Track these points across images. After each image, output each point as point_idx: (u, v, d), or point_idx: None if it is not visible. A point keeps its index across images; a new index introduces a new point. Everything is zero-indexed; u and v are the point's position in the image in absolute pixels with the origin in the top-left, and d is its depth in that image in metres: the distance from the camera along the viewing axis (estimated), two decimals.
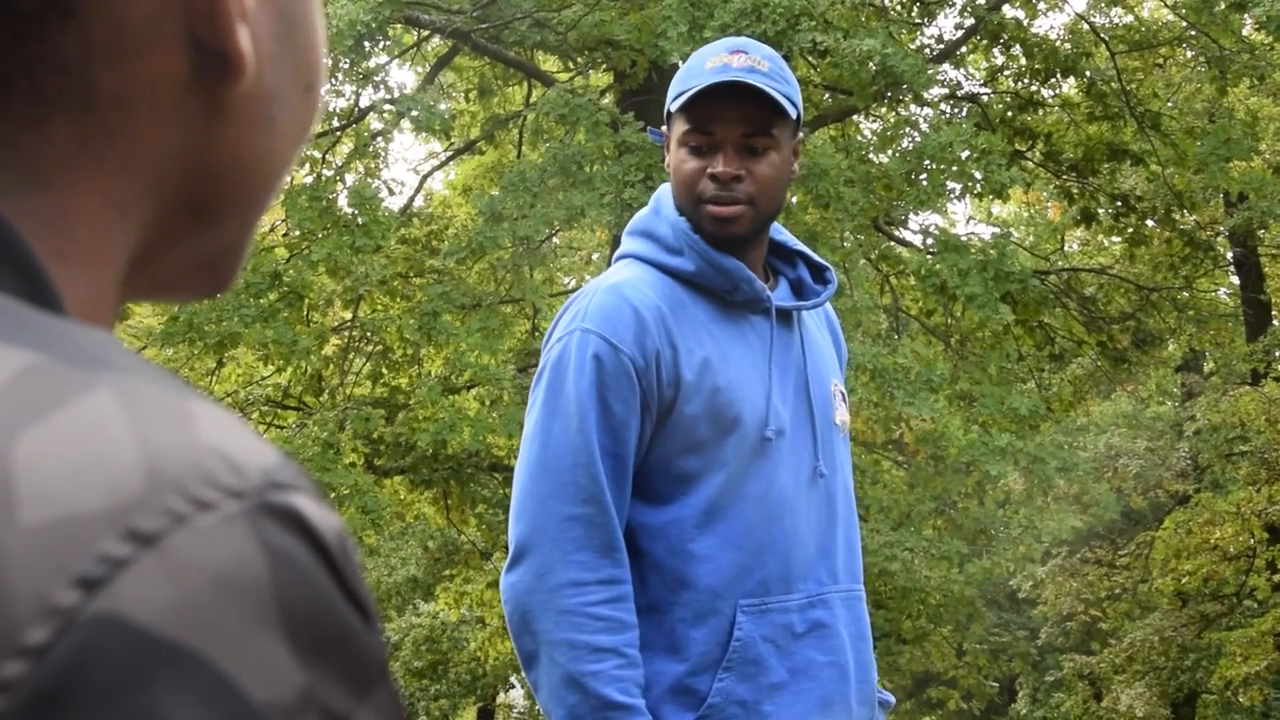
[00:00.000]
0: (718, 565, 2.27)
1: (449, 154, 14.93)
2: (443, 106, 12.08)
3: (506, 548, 2.41)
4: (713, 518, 2.27)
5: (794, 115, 2.33)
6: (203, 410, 0.48)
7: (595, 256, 16.45)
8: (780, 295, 2.43)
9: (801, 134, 2.42)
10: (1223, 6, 11.36)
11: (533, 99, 12.72)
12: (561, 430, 2.25)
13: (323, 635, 0.45)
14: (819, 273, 2.50)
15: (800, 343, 2.41)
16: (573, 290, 15.94)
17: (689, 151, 2.32)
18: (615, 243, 13.43)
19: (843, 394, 2.48)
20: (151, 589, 0.43)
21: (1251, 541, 14.81)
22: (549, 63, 13.55)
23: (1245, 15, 11.02)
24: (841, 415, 2.45)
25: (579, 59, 11.82)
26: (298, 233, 10.89)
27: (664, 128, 2.45)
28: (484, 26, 10.94)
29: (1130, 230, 14.90)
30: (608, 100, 11.95)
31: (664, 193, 2.44)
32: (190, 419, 0.47)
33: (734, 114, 2.29)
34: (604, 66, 11.95)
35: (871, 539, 10.57)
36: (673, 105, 2.35)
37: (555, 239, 14.57)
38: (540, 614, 2.21)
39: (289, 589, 0.45)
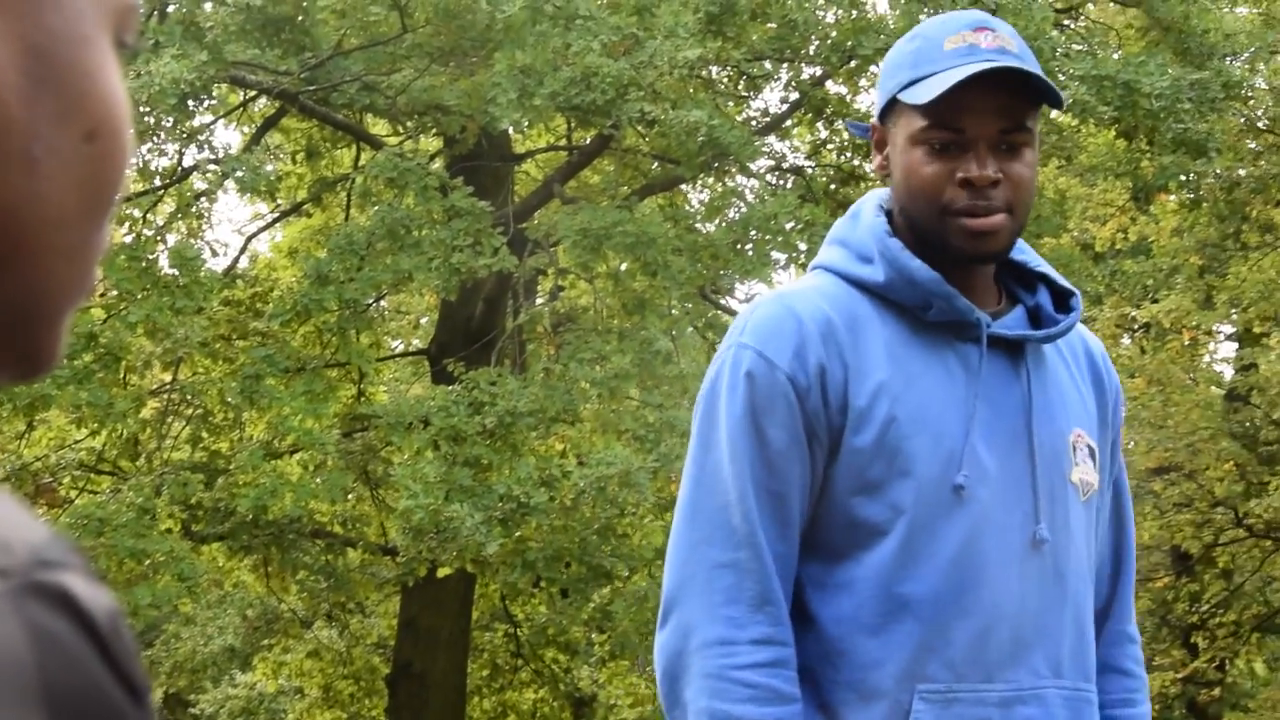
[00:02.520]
0: (893, 639, 1.88)
1: (275, 216, 14.73)
2: (269, 168, 11.93)
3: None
4: (892, 580, 1.89)
5: (1059, 96, 1.96)
6: None
7: (424, 321, 16.34)
8: (1008, 323, 1.99)
9: (1063, 103, 2.04)
10: None
11: (361, 162, 12.64)
12: (714, 464, 1.91)
13: (88, 717, 0.44)
14: (1063, 300, 2.04)
15: (1028, 380, 1.96)
16: (400, 355, 15.85)
17: (929, 152, 1.91)
18: (444, 307, 13.41)
19: (1091, 449, 2.01)
20: None
21: None
22: (378, 126, 13.49)
23: None
24: (1082, 473, 1.98)
25: (409, 123, 11.79)
26: (115, 293, 10.62)
27: (872, 120, 2.05)
28: (312, 89, 10.86)
29: None
30: (437, 165, 11.93)
31: (868, 199, 2.07)
32: None
33: (990, 106, 1.90)
34: (434, 131, 11.93)
35: None
36: (906, 95, 1.93)
37: (383, 303, 14.44)
38: (686, 678, 1.88)
39: (53, 670, 0.43)
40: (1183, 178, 12.15)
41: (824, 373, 1.90)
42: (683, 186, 13.33)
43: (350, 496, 12.88)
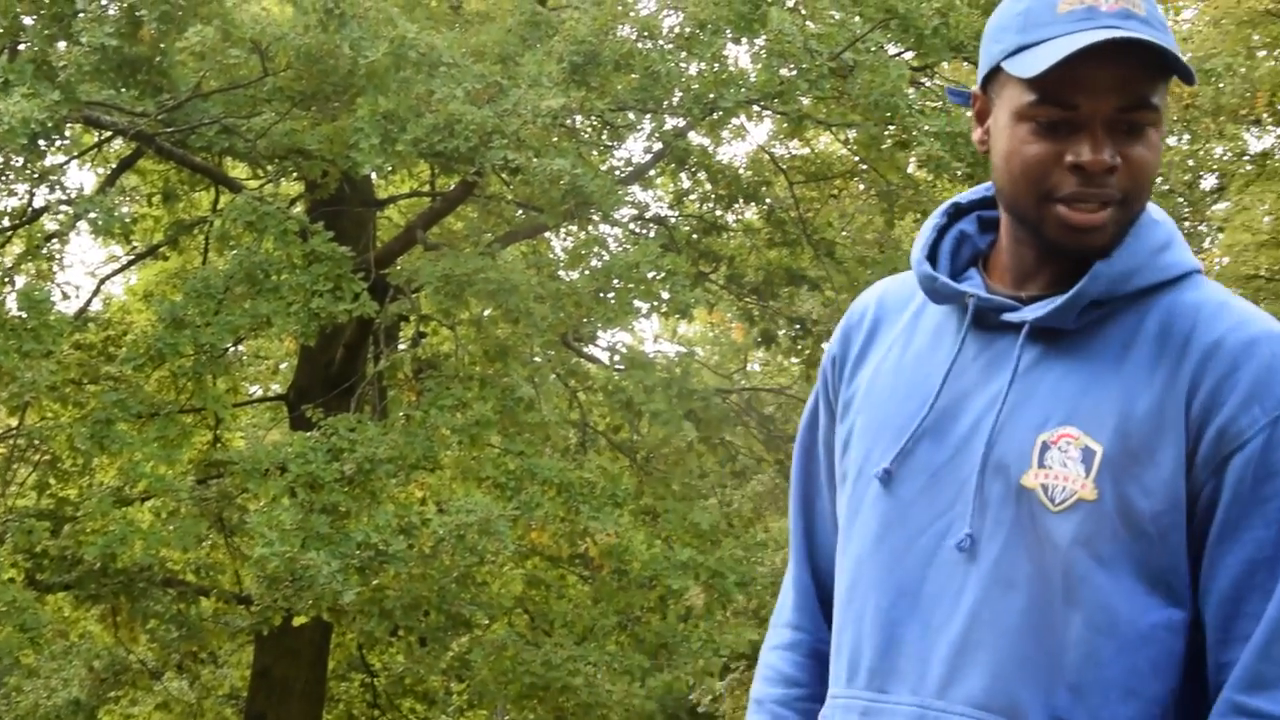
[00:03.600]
0: (835, 639, 1.84)
1: (130, 258, 14.46)
2: (124, 210, 11.73)
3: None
4: (835, 575, 1.85)
5: (1189, 70, 1.66)
6: None
7: (284, 366, 16.13)
8: (1035, 307, 1.73)
9: (1193, 78, 1.68)
10: (889, 144, 12.07)
11: (220, 205, 12.48)
12: None
13: None
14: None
15: (1015, 366, 1.71)
16: (258, 400, 15.60)
17: (1035, 130, 1.67)
18: (303, 353, 13.26)
19: (1089, 451, 1.66)
20: None
21: None
22: (238, 169, 13.33)
23: (909, 153, 11.74)
24: (1049, 478, 1.66)
25: (269, 167, 11.67)
26: None
27: (974, 88, 1.80)
28: (169, 131, 10.70)
29: (807, 352, 15.53)
30: (298, 209, 11.83)
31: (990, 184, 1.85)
32: None
33: (1107, 80, 1.64)
34: (295, 175, 11.83)
35: (556, 653, 10.58)
36: (1011, 64, 1.69)
37: (241, 347, 14.24)
38: None
39: None
40: None
41: (834, 364, 1.91)
42: (546, 234, 13.37)
43: (204, 544, 12.63)
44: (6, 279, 11.46)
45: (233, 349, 12.89)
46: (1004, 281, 1.79)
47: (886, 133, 11.73)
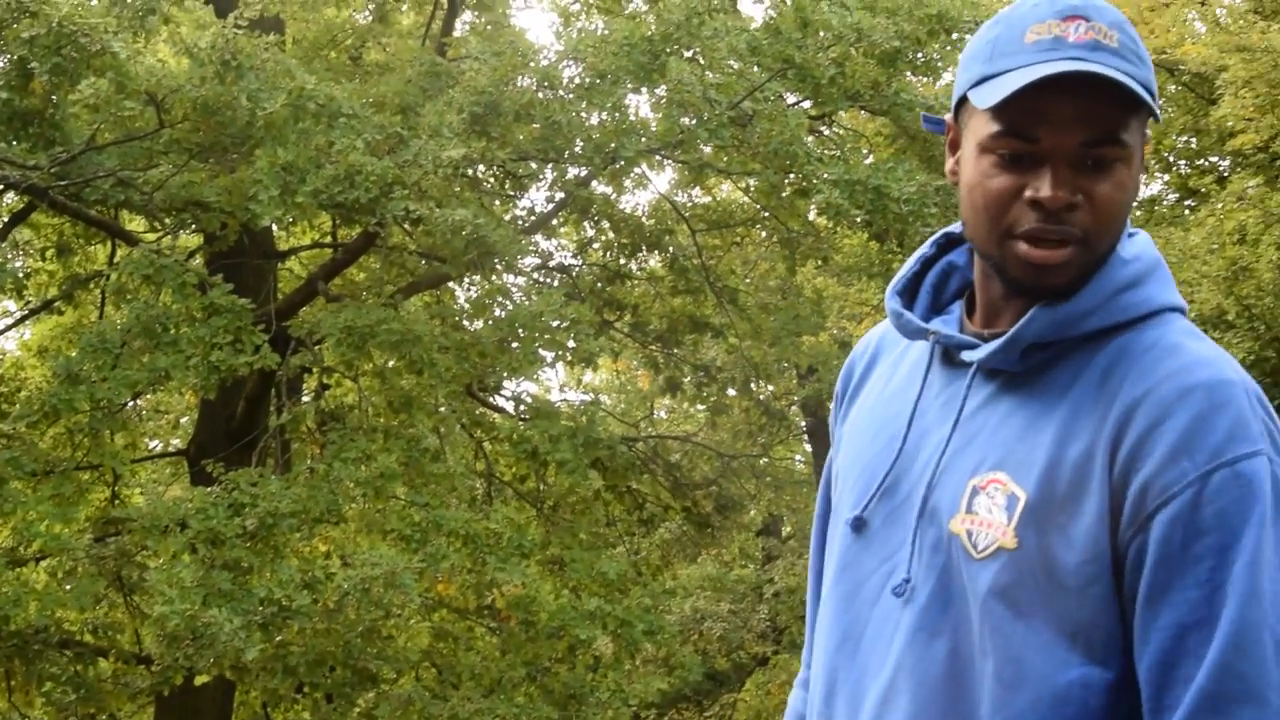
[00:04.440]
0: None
1: (24, 313, 14.20)
2: (17, 264, 11.53)
3: None
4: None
5: (1153, 106, 1.61)
6: None
7: (184, 420, 15.90)
8: (981, 349, 1.69)
9: (1157, 116, 1.64)
10: (789, 192, 12.21)
11: (116, 258, 12.31)
12: None
13: None
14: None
15: (961, 405, 1.68)
16: (158, 456, 15.35)
17: (998, 163, 1.62)
18: (203, 407, 13.08)
19: (1014, 498, 1.60)
20: None
21: None
22: (135, 222, 13.17)
23: (809, 201, 11.87)
24: (972, 523, 1.62)
25: (167, 220, 11.54)
26: None
27: (947, 116, 1.76)
28: (63, 184, 10.56)
29: (712, 399, 15.62)
30: (197, 261, 11.70)
31: None
32: None
33: (1070, 113, 1.58)
34: (193, 228, 11.71)
35: (463, 707, 10.48)
36: (975, 94, 1.64)
37: (139, 402, 14.02)
38: None
39: None
40: None
41: (837, 400, 1.92)
42: (449, 284, 13.34)
43: (102, 603, 12.38)
44: None
45: (131, 404, 12.68)
46: (978, 319, 1.75)
47: (786, 181, 11.87)
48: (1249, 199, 12.75)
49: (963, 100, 1.68)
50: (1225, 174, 14.82)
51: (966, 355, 1.69)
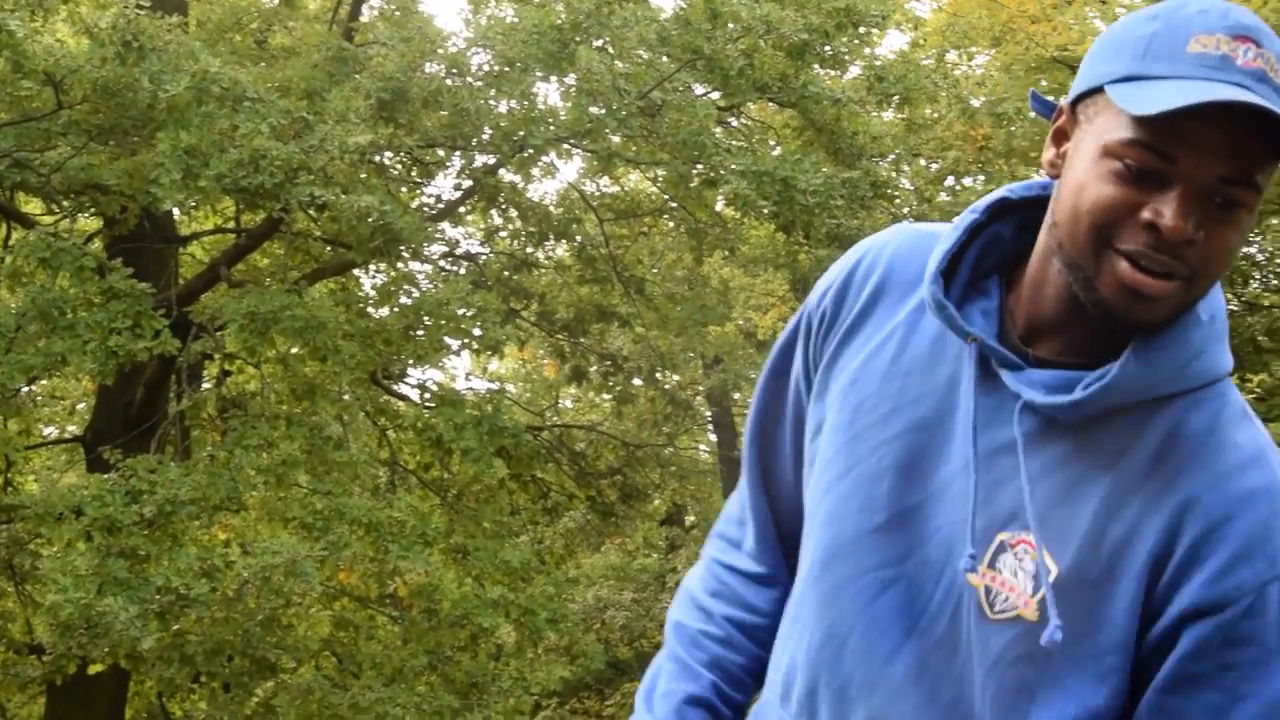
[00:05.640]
0: (778, 640, 1.75)
1: None
2: None
3: None
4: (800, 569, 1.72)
5: None
6: None
7: (81, 406, 15.63)
8: (1044, 376, 1.52)
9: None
10: (697, 183, 12.25)
11: (11, 241, 12.06)
12: None
13: None
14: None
15: (1015, 441, 1.52)
16: (53, 443, 15.08)
17: (1121, 172, 1.43)
18: (101, 392, 12.86)
19: (1046, 567, 1.48)
20: None
21: None
22: (31, 204, 12.92)
23: (717, 192, 11.92)
24: (991, 580, 1.51)
25: (64, 202, 11.33)
26: None
27: (1061, 100, 1.57)
28: None
29: (618, 388, 15.64)
30: (95, 245, 11.50)
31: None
32: None
33: (1217, 143, 1.40)
34: (92, 211, 11.51)
35: (363, 696, 10.41)
36: (1119, 93, 1.44)
37: (34, 387, 13.75)
38: None
39: None
40: None
41: (822, 320, 1.71)
42: (355, 271, 13.23)
43: None
44: None
45: (25, 389, 12.44)
46: (1017, 320, 1.58)
47: (694, 171, 11.90)
48: None
49: (1091, 91, 1.49)
50: None
51: (1010, 380, 1.53)
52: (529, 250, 14.67)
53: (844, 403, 1.65)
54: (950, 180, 14.41)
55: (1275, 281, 14.53)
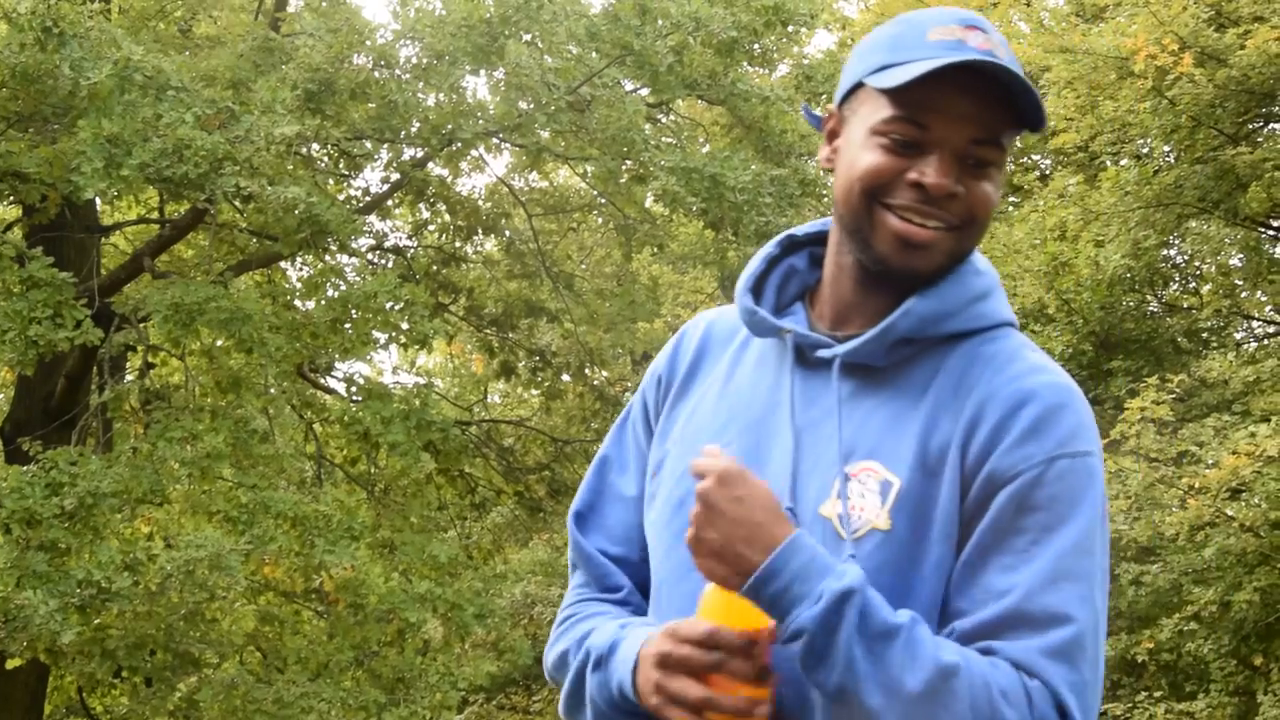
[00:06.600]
0: None
1: None
2: None
3: None
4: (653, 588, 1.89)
5: (1042, 124, 1.71)
6: None
7: (1, 397, 15.40)
8: (854, 342, 1.74)
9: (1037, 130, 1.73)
10: (626, 179, 12.27)
11: None
12: None
13: None
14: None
15: (835, 399, 1.73)
16: None
17: (886, 147, 1.68)
18: (20, 383, 12.69)
19: (888, 483, 1.67)
20: None
21: None
22: None
23: (646, 188, 11.95)
24: (841, 508, 1.67)
25: None
26: None
27: (829, 107, 1.82)
28: None
29: (546, 384, 15.62)
30: (15, 234, 11.34)
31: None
32: None
33: (964, 108, 1.67)
34: (11, 199, 11.35)
35: (288, 691, 10.34)
36: (875, 79, 1.70)
37: None
38: None
39: None
40: None
41: (659, 383, 1.91)
42: (281, 263, 13.13)
43: None
44: None
45: None
46: (825, 319, 1.80)
47: (623, 167, 11.92)
48: (1069, 196, 13.15)
49: (851, 90, 1.75)
50: (1047, 172, 15.27)
51: (825, 352, 1.74)
52: (457, 244, 14.62)
53: (684, 433, 1.84)
54: None
55: (1193, 284, 14.76)
